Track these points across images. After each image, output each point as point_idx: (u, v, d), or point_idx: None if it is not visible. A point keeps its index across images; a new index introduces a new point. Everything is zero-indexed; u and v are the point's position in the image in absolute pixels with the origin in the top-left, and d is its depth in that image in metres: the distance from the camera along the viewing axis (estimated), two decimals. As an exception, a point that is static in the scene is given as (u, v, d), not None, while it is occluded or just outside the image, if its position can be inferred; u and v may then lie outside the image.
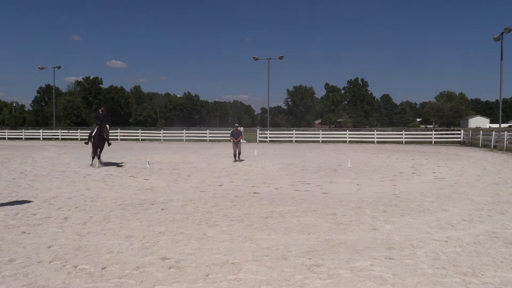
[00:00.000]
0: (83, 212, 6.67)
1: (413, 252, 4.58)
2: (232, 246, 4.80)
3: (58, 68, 48.40)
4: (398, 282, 3.70)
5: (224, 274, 3.91)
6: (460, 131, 32.07)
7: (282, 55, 40.20)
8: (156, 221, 6.07)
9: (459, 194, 8.43)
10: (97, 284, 3.67)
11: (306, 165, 14.44)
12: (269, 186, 9.51)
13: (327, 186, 9.50)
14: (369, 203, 7.39)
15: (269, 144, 31.57)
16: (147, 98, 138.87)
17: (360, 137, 33.78)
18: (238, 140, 15.93)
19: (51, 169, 13.03)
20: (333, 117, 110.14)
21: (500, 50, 27.39)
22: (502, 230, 5.52)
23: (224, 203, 7.43)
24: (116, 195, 8.27)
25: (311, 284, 3.67)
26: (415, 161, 16.18)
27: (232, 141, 16.14)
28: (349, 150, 23.05)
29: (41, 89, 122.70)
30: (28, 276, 3.84)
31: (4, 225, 5.79)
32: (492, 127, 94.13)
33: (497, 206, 7.18)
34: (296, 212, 6.68)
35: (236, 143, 15.90)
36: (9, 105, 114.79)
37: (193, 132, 39.44)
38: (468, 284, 3.68)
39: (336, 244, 4.87)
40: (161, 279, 3.79)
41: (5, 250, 4.64)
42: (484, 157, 18.19)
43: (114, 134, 39.27)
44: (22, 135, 42.17)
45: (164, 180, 10.60)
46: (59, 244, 4.87)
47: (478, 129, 46.44)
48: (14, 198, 7.99)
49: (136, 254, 4.50)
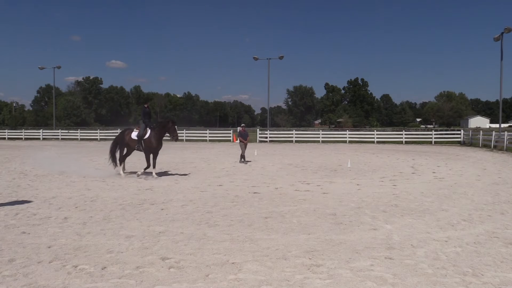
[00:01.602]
0: (83, 212, 6.67)
1: (413, 252, 4.58)
2: (232, 246, 4.80)
3: (58, 68, 48.48)
4: (398, 282, 3.70)
5: (224, 274, 3.91)
6: (460, 131, 32.06)
7: (282, 55, 40.26)
8: (156, 221, 6.07)
9: (459, 194, 8.43)
10: (97, 284, 3.67)
11: (306, 165, 14.44)
12: (269, 186, 9.51)
13: (327, 186, 9.50)
14: (369, 203, 7.39)
15: (269, 144, 31.57)
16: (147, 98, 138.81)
17: (360, 137, 33.78)
18: (247, 141, 15.65)
19: (51, 169, 13.02)
20: (333, 117, 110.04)
21: (500, 50, 27.44)
22: (502, 230, 5.52)
23: (224, 203, 7.42)
24: (116, 195, 8.27)
25: (311, 284, 3.67)
26: (415, 161, 16.18)
27: (240, 141, 15.61)
28: (349, 150, 23.05)
29: (41, 89, 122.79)
30: (28, 276, 3.84)
31: (4, 225, 5.79)
32: (492, 127, 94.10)
33: (497, 206, 7.18)
34: (296, 212, 6.68)
35: (246, 144, 15.59)
36: (9, 105, 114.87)
37: (193, 132, 39.44)
38: (468, 284, 3.68)
39: (336, 244, 4.87)
40: (161, 279, 3.79)
41: (5, 250, 4.64)
42: (484, 157, 18.18)
43: (114, 134, 39.29)
44: (22, 135, 42.18)
45: (164, 180, 10.59)
46: (59, 244, 4.87)
47: (478, 129, 46.43)
48: (14, 198, 7.99)
49: (136, 254, 4.50)
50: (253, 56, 41.07)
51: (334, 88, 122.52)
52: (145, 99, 15.73)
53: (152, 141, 10.81)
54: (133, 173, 11.57)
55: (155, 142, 10.84)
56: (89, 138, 39.70)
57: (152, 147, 10.84)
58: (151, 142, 10.81)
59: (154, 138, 10.84)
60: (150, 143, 10.82)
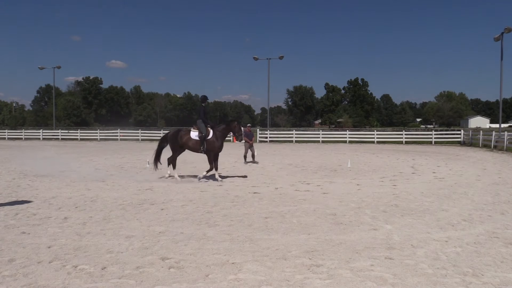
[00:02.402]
0: (83, 212, 6.67)
1: (413, 252, 4.57)
2: (232, 246, 4.79)
3: (58, 68, 48.46)
4: (398, 282, 3.70)
5: (224, 274, 3.91)
6: (460, 131, 32.06)
7: (282, 55, 40.23)
8: (156, 221, 6.07)
9: (459, 194, 8.43)
10: (97, 284, 3.67)
11: (306, 165, 14.44)
12: (269, 186, 9.51)
13: (327, 186, 9.50)
14: (369, 203, 7.39)
15: (269, 144, 31.57)
16: (147, 98, 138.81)
17: (360, 137, 33.78)
18: (252, 141, 15.57)
19: (51, 169, 13.02)
20: (333, 117, 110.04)
21: (500, 50, 27.44)
22: (502, 230, 5.52)
23: (224, 203, 7.42)
24: (116, 195, 8.26)
25: (311, 284, 3.67)
26: (415, 161, 16.18)
27: (245, 142, 15.40)
28: (349, 150, 23.05)
29: (41, 89, 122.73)
30: (28, 276, 3.83)
31: (4, 225, 5.79)
32: (492, 127, 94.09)
33: (497, 206, 7.18)
34: (296, 212, 6.68)
35: (251, 145, 15.51)
36: (9, 105, 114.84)
37: (193, 132, 39.33)
38: (468, 284, 3.68)
39: (336, 244, 4.87)
40: (161, 279, 3.79)
41: (5, 250, 4.64)
42: (484, 157, 18.18)
43: (114, 134, 39.31)
44: (22, 135, 42.19)
45: (164, 180, 10.59)
46: (59, 244, 4.87)
47: (478, 129, 46.43)
48: (14, 198, 7.99)
49: (136, 254, 4.50)
50: (253, 56, 41.08)
51: (334, 88, 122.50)
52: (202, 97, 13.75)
53: (215, 142, 10.28)
54: (193, 176, 10.98)
55: (219, 143, 10.34)
56: (89, 138, 39.71)
57: (215, 148, 10.34)
58: (215, 143, 10.29)
59: (218, 138, 10.32)
60: (213, 144, 10.29)
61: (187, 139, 10.53)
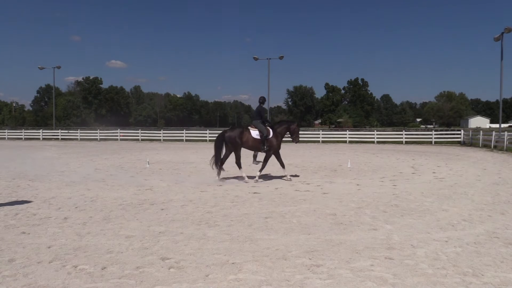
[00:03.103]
0: (83, 212, 6.67)
1: (413, 252, 4.57)
2: (232, 246, 4.79)
3: (58, 68, 48.47)
4: (398, 282, 3.70)
5: (224, 274, 3.91)
6: (460, 131, 32.05)
7: (282, 55, 40.27)
8: (156, 221, 6.07)
9: (459, 194, 8.43)
10: (97, 284, 3.67)
11: (306, 165, 14.44)
12: (269, 186, 9.51)
13: (327, 186, 9.50)
14: (369, 203, 7.39)
15: (269, 144, 31.52)
16: (147, 98, 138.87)
17: (360, 137, 33.77)
18: None
19: (51, 169, 13.02)
20: (333, 117, 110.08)
21: (500, 50, 27.42)
22: (502, 230, 5.52)
23: (224, 203, 7.42)
24: (116, 195, 8.26)
25: (311, 284, 3.67)
26: (415, 161, 16.18)
27: None
28: (349, 150, 23.05)
29: (41, 89, 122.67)
30: (28, 276, 3.83)
31: (4, 225, 5.79)
32: (492, 127, 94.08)
33: (497, 206, 7.18)
34: (296, 212, 6.68)
35: None
36: (9, 105, 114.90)
37: (193, 132, 39.43)
38: (468, 284, 3.68)
39: (336, 244, 4.87)
40: (161, 279, 3.79)
41: (5, 250, 4.64)
42: (484, 157, 18.18)
43: (114, 134, 39.31)
44: (22, 135, 42.16)
45: (164, 180, 10.59)
46: (59, 244, 4.87)
47: (478, 129, 46.42)
48: (14, 198, 7.99)
49: (136, 254, 4.50)
50: (253, 56, 41.11)
51: (334, 88, 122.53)
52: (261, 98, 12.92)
53: (274, 141, 10.51)
54: (251, 177, 10.79)
55: (278, 142, 10.59)
56: (89, 138, 39.69)
57: (275, 147, 10.54)
58: (274, 142, 10.50)
59: (277, 138, 10.55)
60: (272, 143, 10.49)
61: (247, 138, 10.57)
